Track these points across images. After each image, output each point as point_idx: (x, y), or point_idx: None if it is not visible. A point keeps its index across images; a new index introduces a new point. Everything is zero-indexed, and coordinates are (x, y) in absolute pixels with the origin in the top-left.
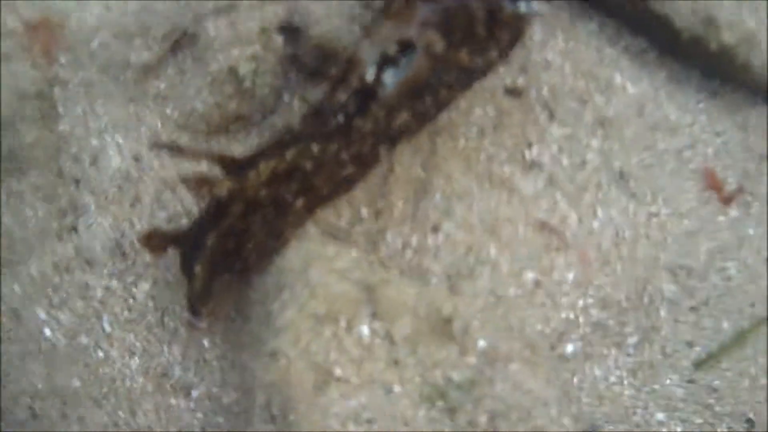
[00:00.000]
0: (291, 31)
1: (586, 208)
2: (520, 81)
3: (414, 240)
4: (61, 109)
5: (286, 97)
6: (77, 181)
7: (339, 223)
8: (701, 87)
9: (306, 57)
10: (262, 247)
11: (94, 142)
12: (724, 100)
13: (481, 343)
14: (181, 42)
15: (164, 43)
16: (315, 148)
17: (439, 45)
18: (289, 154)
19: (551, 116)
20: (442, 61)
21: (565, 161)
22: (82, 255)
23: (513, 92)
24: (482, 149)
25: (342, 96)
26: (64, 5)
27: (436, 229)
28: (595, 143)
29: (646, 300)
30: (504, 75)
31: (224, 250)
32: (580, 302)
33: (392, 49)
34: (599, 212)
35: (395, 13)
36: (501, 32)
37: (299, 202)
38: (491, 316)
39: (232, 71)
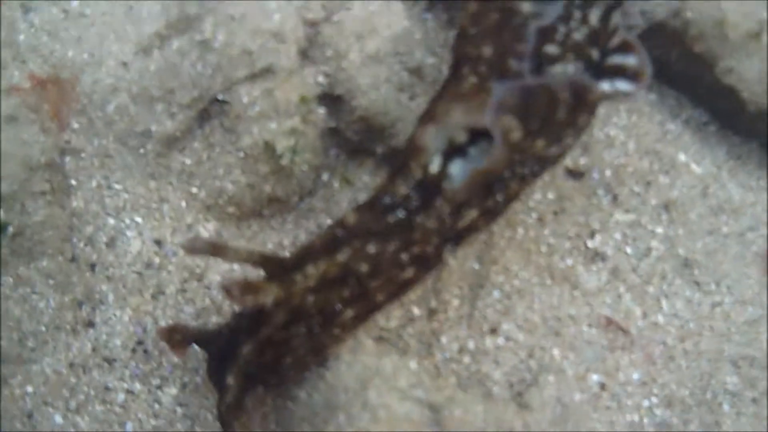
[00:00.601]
0: (333, 101)
1: (650, 302)
2: (582, 161)
3: (471, 343)
4: (73, 182)
5: (325, 176)
6: (92, 266)
7: (388, 324)
8: (761, 163)
9: (349, 131)
10: (302, 361)
11: (111, 221)
12: None
13: None
14: (210, 110)
15: (190, 111)
16: (372, 248)
17: (517, 133)
18: (342, 255)
19: (614, 200)
20: (518, 151)
21: (629, 250)
22: (101, 353)
23: (575, 174)
24: (542, 239)
25: (402, 188)
26: (77, 60)
27: (494, 331)
28: (659, 230)
29: (709, 395)
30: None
31: (260, 362)
32: (645, 402)
33: (462, 137)
34: (664, 305)
35: (466, 93)
36: (580, 116)
37: (349, 312)
38: (562, 430)
39: (268, 147)
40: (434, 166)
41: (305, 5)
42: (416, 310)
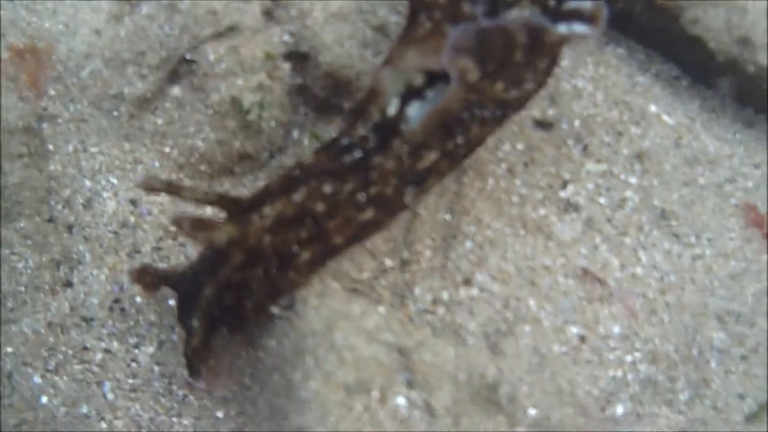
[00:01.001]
0: (298, 57)
1: (627, 253)
2: (551, 112)
3: (445, 294)
4: (50, 147)
5: (295, 133)
6: (70, 228)
7: (360, 275)
8: (736, 116)
9: (316, 87)
10: (261, 305)
11: (88, 183)
12: (760, 130)
13: (532, 412)
14: (179, 70)
15: (159, 72)
16: (328, 188)
17: (473, 74)
18: (298, 196)
19: (585, 150)
20: (475, 92)
21: (602, 201)
22: (79, 312)
23: (543, 125)
24: (514, 190)
25: (360, 130)
26: (53, 30)
27: (468, 282)
28: (633, 180)
29: (695, 351)
30: (532, 105)
31: (222, 304)
32: (628, 357)
33: (418, 80)
34: (642, 257)
35: (421, 38)
36: (539, 60)
37: (306, 254)
38: (538, 378)
39: (236, 103)
40: (392, 109)
41: None
42: (388, 262)
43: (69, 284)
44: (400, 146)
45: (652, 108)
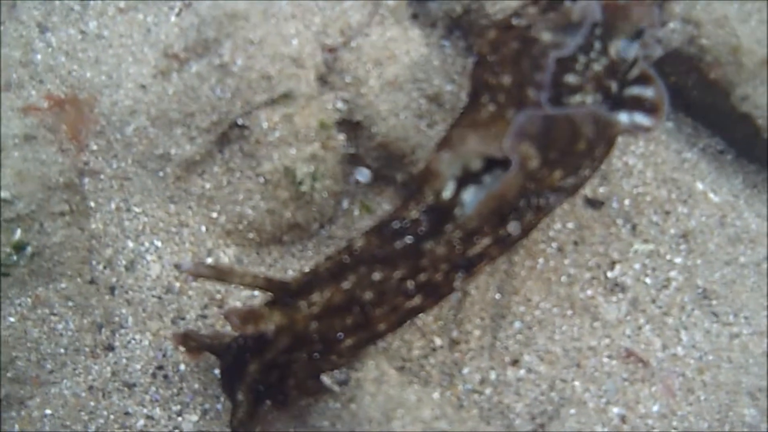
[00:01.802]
0: (352, 126)
1: (670, 333)
2: (601, 190)
3: (493, 374)
4: (92, 204)
5: (345, 203)
6: (112, 289)
7: (410, 354)
8: None
9: (368, 157)
10: (302, 385)
11: (130, 244)
12: None
13: None
14: (229, 135)
15: (209, 135)
16: (377, 275)
17: (534, 161)
18: (347, 284)
19: (633, 230)
20: (533, 180)
21: (648, 281)
22: (121, 377)
23: (594, 203)
24: (563, 270)
25: (413, 212)
26: (95, 81)
27: (516, 362)
28: (678, 260)
29: (727, 427)
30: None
31: (266, 381)
32: None
33: (476, 164)
34: (683, 336)
35: (484, 122)
36: (598, 148)
37: (349, 340)
38: None
39: (288, 173)
40: (447, 192)
41: (323, 31)
42: (438, 341)
43: (111, 348)
44: (452, 231)
45: (699, 186)
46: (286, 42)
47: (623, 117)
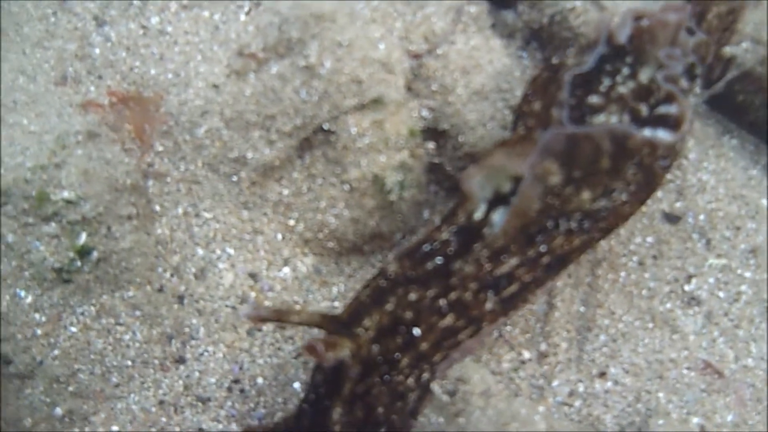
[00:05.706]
0: (437, 135)
1: (741, 345)
2: (678, 205)
3: (581, 387)
4: (157, 208)
5: (426, 213)
6: (180, 298)
7: (500, 367)
8: None
9: (451, 166)
10: (394, 409)
11: (200, 251)
12: None
13: None
14: (312, 140)
15: (291, 140)
16: (413, 295)
17: (556, 176)
18: (390, 306)
19: (708, 244)
20: (558, 198)
21: (721, 294)
22: (194, 391)
23: (671, 218)
24: (643, 283)
25: (444, 234)
26: (160, 79)
27: (603, 375)
28: (748, 274)
29: None
30: (662, 199)
31: (355, 420)
32: None
33: (506, 186)
34: (753, 348)
35: (512, 142)
36: (630, 170)
37: (405, 360)
38: None
39: (377, 181)
40: (478, 214)
41: (406, 36)
42: (526, 354)
43: (182, 360)
44: (480, 250)
45: (764, 202)
46: (374, 46)
47: (645, 132)
